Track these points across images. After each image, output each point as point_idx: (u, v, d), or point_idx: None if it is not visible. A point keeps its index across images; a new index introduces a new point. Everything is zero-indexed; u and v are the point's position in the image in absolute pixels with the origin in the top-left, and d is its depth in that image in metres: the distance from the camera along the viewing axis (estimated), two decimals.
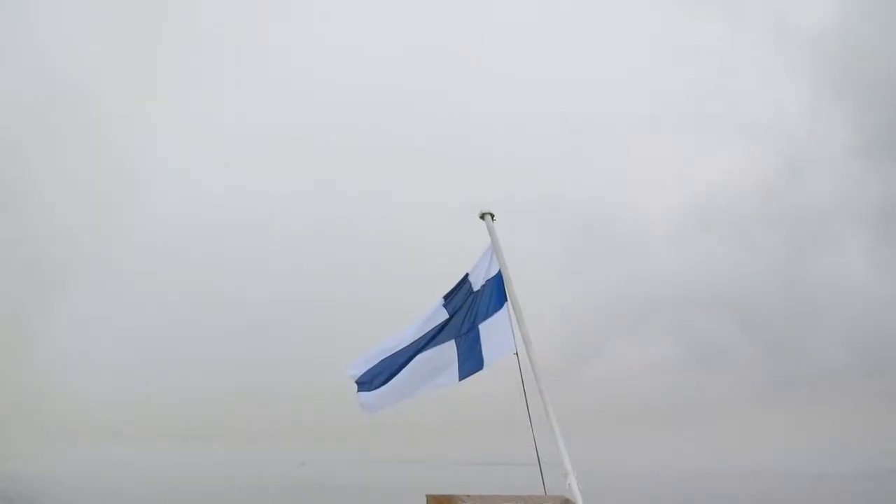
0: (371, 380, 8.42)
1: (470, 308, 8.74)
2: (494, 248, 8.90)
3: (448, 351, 8.56)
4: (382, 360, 8.44)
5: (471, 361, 8.59)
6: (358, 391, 8.46)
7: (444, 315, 8.67)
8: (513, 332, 8.56)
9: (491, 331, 8.64)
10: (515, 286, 8.77)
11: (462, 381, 8.63)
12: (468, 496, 7.31)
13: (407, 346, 8.48)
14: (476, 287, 8.83)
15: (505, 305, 8.70)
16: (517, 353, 8.47)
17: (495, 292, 8.76)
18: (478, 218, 9.08)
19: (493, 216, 9.04)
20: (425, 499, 7.32)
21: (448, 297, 8.79)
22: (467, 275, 8.92)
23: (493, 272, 8.84)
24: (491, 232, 8.98)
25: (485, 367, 8.61)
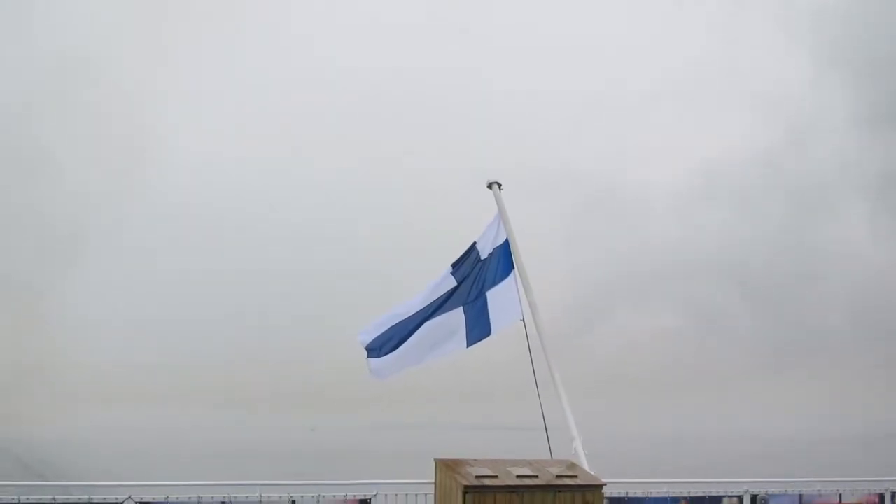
0: (381, 346, 8.58)
1: (478, 276, 8.86)
2: (502, 216, 8.99)
3: (456, 318, 8.70)
4: (392, 327, 8.59)
5: (479, 328, 8.73)
6: (368, 357, 8.62)
7: (453, 282, 8.80)
8: (520, 299, 8.70)
9: (498, 298, 8.77)
10: (522, 254, 8.88)
11: (470, 348, 8.79)
12: (476, 460, 7.50)
13: (416, 314, 8.62)
14: (484, 255, 8.94)
15: (512, 273, 8.82)
16: (524, 320, 8.61)
17: (503, 260, 8.87)
18: (485, 187, 9.17)
19: (500, 185, 9.12)
20: (434, 463, 7.51)
21: (456, 265, 8.91)
22: (475, 243, 9.03)
23: (501, 240, 8.94)
24: (498, 201, 9.07)
25: (492, 334, 8.76)
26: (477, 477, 7.01)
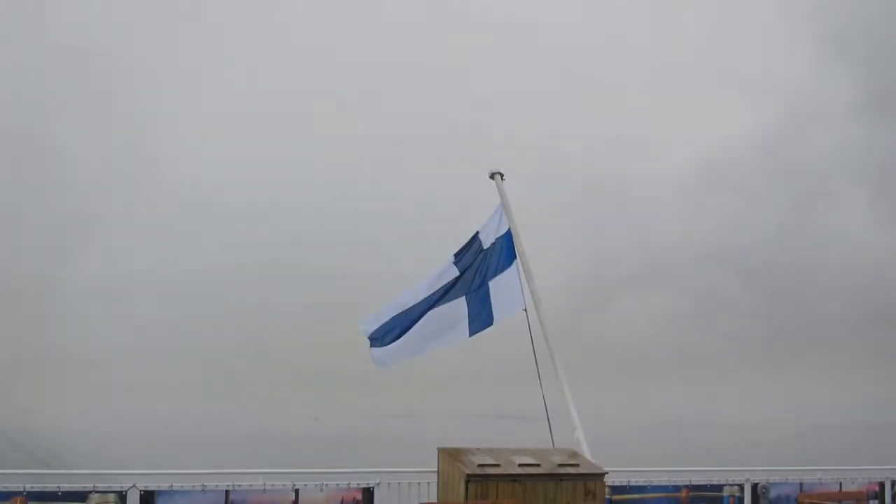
0: (383, 336, 8.61)
1: (480, 265, 8.88)
2: (504, 206, 9.00)
3: (458, 307, 8.73)
4: (394, 317, 8.62)
5: (481, 317, 8.76)
6: (371, 347, 8.66)
7: (455, 272, 8.82)
8: (522, 288, 8.72)
9: (500, 287, 8.79)
10: (525, 244, 8.89)
11: (472, 337, 8.81)
12: (479, 449, 7.55)
13: (418, 303, 8.65)
14: (486, 245, 8.96)
15: (514, 263, 8.83)
16: (526, 309, 8.63)
17: (505, 250, 8.89)
18: (488, 178, 9.16)
19: (502, 176, 9.11)
20: (437, 452, 7.56)
21: (459, 255, 8.94)
22: (477, 233, 9.05)
23: (503, 230, 8.96)
24: (500, 191, 9.06)
25: (494, 323, 8.78)
26: (479, 465, 7.05)
